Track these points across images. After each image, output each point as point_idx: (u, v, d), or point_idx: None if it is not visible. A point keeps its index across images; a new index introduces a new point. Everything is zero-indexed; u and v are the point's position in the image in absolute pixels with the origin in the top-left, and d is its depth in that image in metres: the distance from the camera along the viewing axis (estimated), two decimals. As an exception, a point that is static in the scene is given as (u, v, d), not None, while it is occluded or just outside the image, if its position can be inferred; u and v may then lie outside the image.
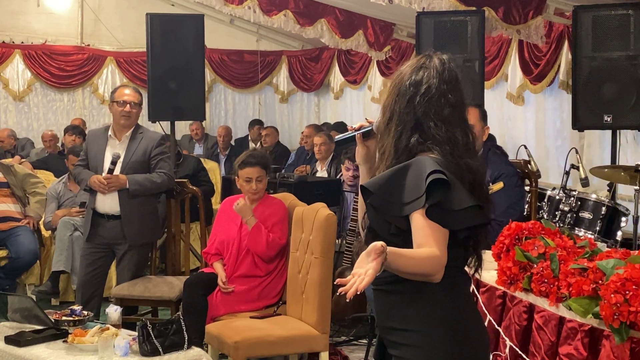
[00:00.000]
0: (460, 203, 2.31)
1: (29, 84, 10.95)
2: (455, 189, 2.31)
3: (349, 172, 6.80)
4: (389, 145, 2.43)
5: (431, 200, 2.27)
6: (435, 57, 2.48)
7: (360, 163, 2.64)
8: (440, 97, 2.41)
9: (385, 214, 2.35)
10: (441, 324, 2.34)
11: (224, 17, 10.96)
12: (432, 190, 2.28)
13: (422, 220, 2.27)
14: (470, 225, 2.35)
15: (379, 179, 2.38)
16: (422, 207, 2.27)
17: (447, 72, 2.45)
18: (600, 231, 4.99)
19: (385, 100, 2.50)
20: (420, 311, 2.34)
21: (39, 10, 10.95)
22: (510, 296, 3.61)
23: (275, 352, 4.66)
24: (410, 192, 2.30)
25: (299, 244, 4.82)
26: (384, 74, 9.94)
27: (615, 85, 6.00)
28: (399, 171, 2.35)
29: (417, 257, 2.21)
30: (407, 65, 2.51)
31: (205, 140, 10.92)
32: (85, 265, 5.53)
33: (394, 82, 2.50)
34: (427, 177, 2.28)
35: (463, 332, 2.37)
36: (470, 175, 2.40)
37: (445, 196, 2.29)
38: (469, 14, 6.46)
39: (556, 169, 7.52)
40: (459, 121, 2.44)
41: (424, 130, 2.39)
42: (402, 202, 2.31)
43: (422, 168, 2.32)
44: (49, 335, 4.12)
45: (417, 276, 2.24)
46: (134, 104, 5.51)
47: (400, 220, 2.32)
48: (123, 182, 5.38)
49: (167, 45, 7.06)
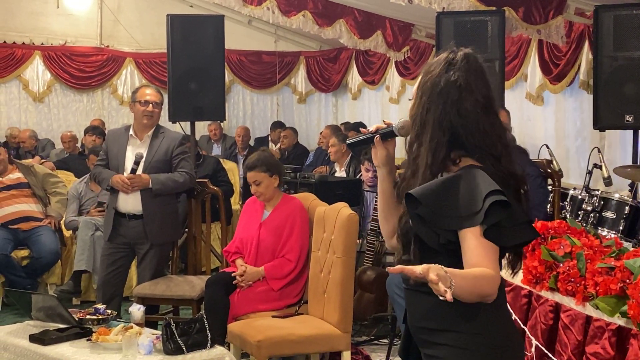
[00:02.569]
0: (515, 220, 2.25)
1: (49, 85, 11.01)
2: (512, 208, 2.24)
3: (368, 173, 6.81)
4: (424, 158, 2.33)
5: (490, 220, 2.21)
6: (459, 53, 2.39)
7: (380, 166, 2.55)
8: (473, 100, 2.32)
9: (436, 226, 2.27)
10: (482, 326, 2.30)
11: (242, 18, 10.99)
12: (491, 210, 2.21)
13: (476, 239, 2.21)
14: (522, 242, 2.33)
15: (427, 190, 2.29)
16: (478, 224, 2.21)
17: (474, 68, 2.37)
18: (624, 231, 4.96)
19: (415, 109, 2.39)
20: (461, 313, 2.29)
21: (59, 11, 11.01)
22: (536, 295, 3.60)
23: (298, 351, 4.66)
24: (465, 207, 2.23)
25: (321, 243, 4.82)
26: (402, 75, 9.93)
27: (637, 84, 5.98)
28: (450, 182, 2.28)
29: (478, 277, 2.16)
30: (434, 65, 2.40)
31: (223, 140, 10.95)
32: (107, 265, 5.55)
33: (420, 89, 2.39)
34: (486, 196, 2.21)
35: (502, 335, 2.35)
36: (514, 180, 2.34)
37: (503, 216, 2.22)
38: (489, 14, 6.46)
39: (576, 170, 7.49)
40: (493, 122, 2.35)
41: (461, 139, 2.32)
42: (455, 215, 2.24)
43: (476, 182, 2.25)
44: (73, 334, 4.13)
45: (473, 297, 2.18)
46: (156, 104, 5.53)
47: (450, 232, 2.26)
48: (146, 182, 5.40)
49: (187, 45, 7.09)
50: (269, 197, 5.10)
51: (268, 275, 4.95)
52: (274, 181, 5.08)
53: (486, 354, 2.30)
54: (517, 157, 2.42)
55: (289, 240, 4.99)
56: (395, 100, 10.24)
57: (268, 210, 5.15)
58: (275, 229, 5.03)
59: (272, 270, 4.96)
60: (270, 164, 5.07)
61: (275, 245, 5.01)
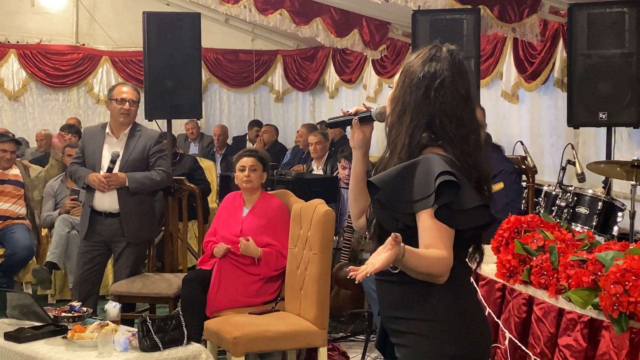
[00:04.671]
0: (468, 203, 2.30)
1: (24, 84, 10.93)
2: (463, 189, 2.30)
3: (345, 171, 6.83)
4: (402, 139, 2.40)
5: (440, 201, 2.26)
6: (444, 47, 2.45)
7: (355, 147, 2.63)
8: (453, 90, 2.39)
9: (393, 210, 2.35)
10: (446, 314, 2.36)
11: (219, 16, 10.98)
12: (441, 191, 2.26)
13: (430, 220, 2.27)
14: (477, 225, 2.36)
15: (386, 175, 2.36)
16: (430, 207, 2.27)
17: (458, 64, 2.43)
18: (597, 226, 5.02)
19: (396, 92, 2.46)
20: (425, 301, 2.35)
21: (34, 9, 10.92)
22: (510, 289, 3.63)
23: (274, 347, 4.68)
24: (419, 191, 2.29)
25: (297, 240, 4.84)
26: (379, 73, 9.96)
27: (610, 82, 6.03)
28: (408, 168, 2.34)
29: (429, 257, 2.22)
30: (417, 57, 2.46)
31: (200, 139, 10.93)
32: (83, 263, 5.52)
33: (404, 74, 2.46)
34: (437, 177, 2.27)
35: (467, 322, 2.39)
36: (477, 173, 2.40)
37: (454, 197, 2.28)
38: (464, 12, 6.49)
39: (551, 167, 7.55)
40: (470, 116, 2.42)
41: (437, 126, 2.38)
42: (411, 199, 2.30)
43: (431, 166, 2.30)
44: (49, 332, 4.12)
45: (424, 276, 2.25)
46: (133, 102, 5.52)
47: (407, 217, 2.32)
48: (123, 180, 5.39)
49: (163, 43, 7.07)
50: (254, 188, 5.15)
51: (264, 259, 4.95)
52: (263, 176, 5.20)
53: (450, 342, 2.35)
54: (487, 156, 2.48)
55: (279, 238, 5.02)
56: (372, 98, 10.25)
57: (247, 207, 5.17)
58: (256, 226, 5.05)
59: (269, 257, 4.98)
60: (266, 161, 5.27)
61: (258, 242, 5.01)
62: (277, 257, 5.00)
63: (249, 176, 5.11)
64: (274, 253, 5.00)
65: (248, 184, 5.13)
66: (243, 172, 5.13)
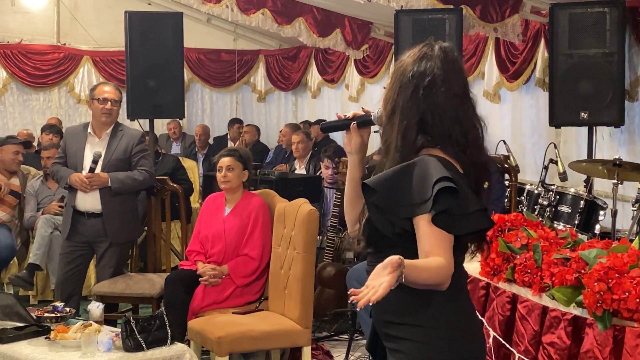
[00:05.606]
0: (467, 208, 2.25)
1: (5, 84, 10.83)
2: (462, 194, 2.25)
3: (328, 171, 6.84)
4: (395, 140, 2.34)
5: (438, 207, 2.21)
6: (437, 45, 2.40)
7: (352, 153, 2.56)
8: (447, 88, 2.33)
9: (390, 214, 2.29)
10: (442, 320, 2.32)
11: (201, 16, 10.94)
12: (439, 197, 2.21)
13: (428, 226, 2.22)
14: (475, 230, 2.32)
15: (382, 178, 2.31)
16: (428, 212, 2.21)
17: (451, 61, 2.38)
18: (579, 224, 5.06)
19: (387, 92, 2.41)
20: (422, 307, 2.31)
21: (14, 9, 10.84)
22: (494, 287, 3.65)
23: (258, 347, 4.67)
24: (416, 195, 2.24)
25: (281, 239, 4.83)
26: (361, 73, 9.97)
27: (592, 82, 6.08)
28: (404, 171, 2.28)
29: (429, 269, 2.17)
30: (409, 55, 2.42)
31: (182, 139, 10.90)
32: (65, 264, 5.49)
33: (395, 73, 2.41)
34: (435, 183, 2.22)
35: (463, 329, 2.35)
36: (477, 171, 2.36)
37: (452, 203, 2.22)
38: (447, 12, 6.52)
39: (533, 166, 7.59)
40: (467, 114, 2.37)
41: (430, 126, 2.32)
42: (408, 203, 2.25)
43: (429, 170, 2.25)
44: (31, 332, 4.09)
45: (427, 286, 2.20)
46: (115, 102, 5.49)
47: (404, 221, 2.27)
48: (105, 181, 5.36)
49: (145, 43, 7.03)
50: (233, 188, 5.13)
51: (232, 273, 4.95)
52: (243, 175, 5.17)
53: (445, 348, 2.31)
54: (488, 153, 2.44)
55: (251, 238, 5.00)
56: (354, 98, 10.27)
57: (229, 206, 5.16)
58: (237, 226, 5.04)
59: (236, 267, 4.96)
60: (247, 159, 5.23)
61: (239, 242, 5.02)
62: (245, 263, 4.98)
63: (226, 176, 5.10)
64: (240, 262, 4.99)
65: (226, 184, 5.12)
66: (220, 173, 5.13)
